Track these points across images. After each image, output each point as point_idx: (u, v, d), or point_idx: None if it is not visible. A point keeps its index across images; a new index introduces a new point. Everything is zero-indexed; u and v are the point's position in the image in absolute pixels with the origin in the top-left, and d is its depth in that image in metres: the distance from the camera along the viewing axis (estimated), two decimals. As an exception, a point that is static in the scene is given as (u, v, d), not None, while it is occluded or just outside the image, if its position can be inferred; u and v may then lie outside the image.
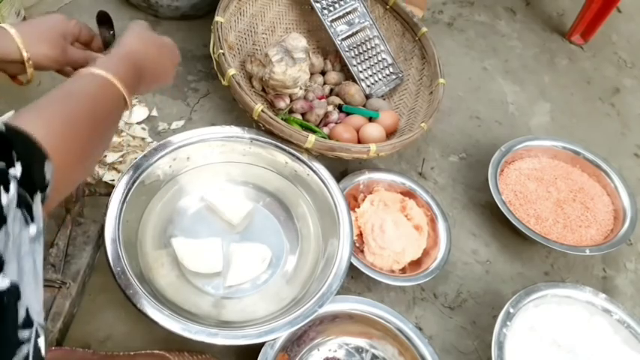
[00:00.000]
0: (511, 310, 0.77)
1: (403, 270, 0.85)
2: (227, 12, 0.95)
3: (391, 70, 1.07)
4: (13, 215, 0.31)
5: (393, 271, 0.84)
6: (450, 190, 1.00)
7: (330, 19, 1.02)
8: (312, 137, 0.81)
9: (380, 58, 1.06)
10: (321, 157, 0.85)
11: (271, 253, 0.80)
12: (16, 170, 0.33)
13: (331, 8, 1.03)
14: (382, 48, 1.07)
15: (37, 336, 0.32)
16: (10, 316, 0.30)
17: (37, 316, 0.32)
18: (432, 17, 1.34)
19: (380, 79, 1.05)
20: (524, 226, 0.90)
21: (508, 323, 0.76)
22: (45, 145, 0.37)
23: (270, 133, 0.84)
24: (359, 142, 0.93)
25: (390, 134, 0.98)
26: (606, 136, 1.21)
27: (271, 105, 0.98)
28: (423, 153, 1.04)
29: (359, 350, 0.76)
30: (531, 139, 1.04)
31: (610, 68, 1.37)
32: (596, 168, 1.03)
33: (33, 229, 0.33)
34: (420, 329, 0.80)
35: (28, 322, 0.31)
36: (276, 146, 0.84)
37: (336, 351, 0.76)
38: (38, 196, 0.35)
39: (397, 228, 0.85)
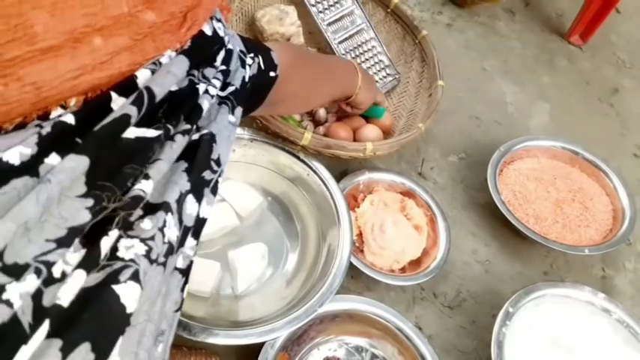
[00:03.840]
0: (510, 310, 0.77)
1: (403, 270, 0.85)
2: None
3: (388, 71, 1.07)
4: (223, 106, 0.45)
5: (392, 271, 0.84)
6: (450, 190, 1.01)
7: (326, 22, 1.03)
8: (308, 134, 0.81)
9: (377, 60, 1.06)
10: (320, 157, 0.85)
11: (266, 247, 0.80)
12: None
13: (327, 12, 1.03)
14: (379, 50, 1.07)
15: (219, 175, 0.42)
16: (207, 149, 0.41)
17: (224, 165, 0.43)
18: (432, 18, 1.35)
19: (377, 81, 1.05)
20: (523, 226, 0.90)
21: (507, 323, 0.76)
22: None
23: (265, 130, 0.84)
24: (355, 141, 0.92)
25: (386, 135, 0.97)
26: (605, 136, 1.21)
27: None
28: (423, 153, 1.05)
29: (359, 349, 0.76)
30: (530, 139, 1.04)
31: (609, 68, 1.37)
32: (595, 168, 1.03)
33: (232, 118, 0.45)
34: (420, 329, 0.80)
35: (218, 162, 0.42)
36: (276, 146, 0.84)
37: (336, 350, 0.76)
38: (239, 109, 0.47)
39: (397, 228, 0.85)
